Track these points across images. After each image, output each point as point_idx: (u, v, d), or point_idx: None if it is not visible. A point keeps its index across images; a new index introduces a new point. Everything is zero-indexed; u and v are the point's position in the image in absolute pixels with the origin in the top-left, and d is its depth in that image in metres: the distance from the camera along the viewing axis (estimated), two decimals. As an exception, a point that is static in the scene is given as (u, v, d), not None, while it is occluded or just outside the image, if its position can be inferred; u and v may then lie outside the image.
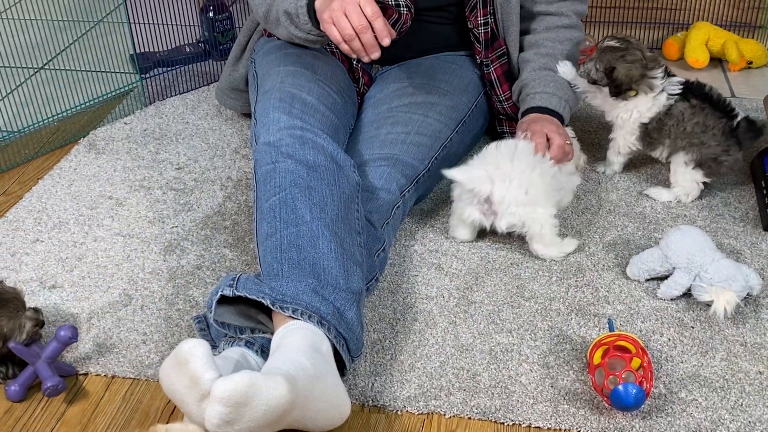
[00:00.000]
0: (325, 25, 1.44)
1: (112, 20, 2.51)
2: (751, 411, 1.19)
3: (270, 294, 1.18)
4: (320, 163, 1.38)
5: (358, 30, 1.40)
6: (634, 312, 1.37)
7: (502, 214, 1.45)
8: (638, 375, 1.16)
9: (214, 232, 1.59)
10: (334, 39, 1.42)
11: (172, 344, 1.32)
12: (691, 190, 1.63)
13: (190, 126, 1.96)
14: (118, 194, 1.72)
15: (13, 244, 1.58)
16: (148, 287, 1.46)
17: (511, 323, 1.35)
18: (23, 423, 1.20)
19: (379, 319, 1.37)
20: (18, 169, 1.83)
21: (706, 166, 1.59)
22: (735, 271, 1.35)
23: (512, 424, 1.18)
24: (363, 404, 1.21)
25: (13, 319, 1.23)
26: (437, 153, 1.61)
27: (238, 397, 0.99)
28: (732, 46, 2.16)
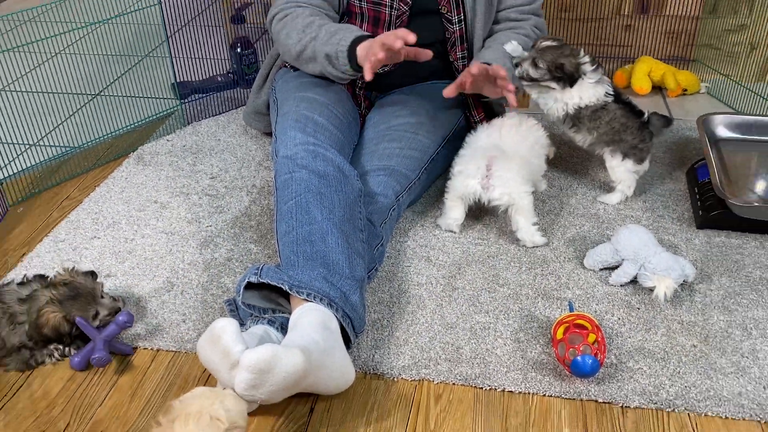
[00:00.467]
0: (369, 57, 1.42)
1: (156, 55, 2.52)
2: (686, 377, 1.19)
3: (288, 281, 1.18)
4: (329, 173, 1.38)
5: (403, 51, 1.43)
6: (590, 296, 1.38)
7: (496, 185, 1.46)
8: (593, 348, 1.16)
9: (242, 230, 1.59)
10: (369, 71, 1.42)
11: (207, 323, 1.32)
12: (630, 182, 1.63)
13: (221, 142, 1.96)
14: (162, 199, 1.72)
15: (75, 240, 1.58)
16: (187, 276, 1.46)
17: (488, 305, 1.35)
18: (83, 389, 1.21)
19: (378, 302, 1.37)
20: (78, 178, 1.83)
21: (632, 155, 1.60)
22: (673, 262, 1.36)
23: (489, 389, 1.18)
24: (365, 372, 1.22)
25: (84, 310, 1.24)
26: (426, 164, 1.61)
27: (263, 365, 0.99)
28: (670, 76, 2.16)
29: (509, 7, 1.69)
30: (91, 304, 1.26)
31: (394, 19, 1.62)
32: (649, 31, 2.30)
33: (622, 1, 2.28)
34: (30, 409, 1.17)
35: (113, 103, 2.19)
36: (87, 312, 1.25)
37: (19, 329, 1.23)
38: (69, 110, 2.14)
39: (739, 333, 1.28)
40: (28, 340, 1.23)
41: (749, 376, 1.19)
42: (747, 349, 1.24)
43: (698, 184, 1.63)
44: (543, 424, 1.12)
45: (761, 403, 1.14)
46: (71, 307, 1.23)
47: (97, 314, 1.26)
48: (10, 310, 1.23)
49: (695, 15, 2.26)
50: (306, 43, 1.55)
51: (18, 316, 1.23)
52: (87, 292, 1.26)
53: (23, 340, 1.23)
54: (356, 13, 1.64)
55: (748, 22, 2.14)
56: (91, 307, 1.26)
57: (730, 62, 2.22)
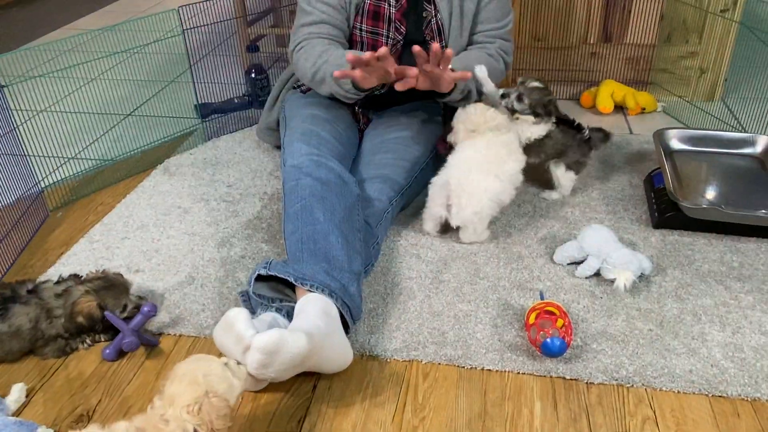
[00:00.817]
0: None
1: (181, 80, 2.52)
2: (644, 357, 1.19)
3: (294, 273, 1.18)
4: (331, 180, 1.38)
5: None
6: (559, 287, 1.37)
7: (457, 215, 1.46)
8: (561, 331, 1.16)
9: (254, 232, 1.59)
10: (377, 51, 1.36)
11: (224, 312, 1.30)
12: (569, 187, 1.69)
13: (237, 155, 1.96)
14: (185, 205, 1.72)
15: (108, 240, 1.58)
16: (206, 271, 1.45)
17: (470, 296, 1.35)
18: (113, 370, 1.20)
19: (374, 293, 1.37)
20: (112, 187, 1.83)
21: (574, 167, 1.66)
22: (632, 257, 1.36)
23: (470, 368, 1.18)
24: (362, 354, 1.21)
25: (117, 299, 1.24)
26: (416, 173, 1.61)
27: (272, 347, 0.99)
28: (630, 97, 2.17)
29: (480, 32, 1.67)
30: (123, 296, 1.26)
31: (390, 47, 1.62)
32: (612, 57, 2.31)
33: (588, 32, 2.29)
34: (66, 388, 1.17)
35: (143, 122, 2.19)
36: (119, 301, 1.24)
37: (56, 322, 1.22)
38: (104, 128, 2.14)
39: (690, 319, 1.27)
40: (64, 332, 1.22)
41: (699, 356, 1.19)
42: (697, 332, 1.24)
43: (654, 189, 1.63)
44: (517, 398, 1.11)
45: (709, 380, 1.13)
46: (105, 296, 1.23)
47: (125, 307, 1.26)
48: (47, 306, 1.22)
49: (652, 43, 2.27)
50: (319, 65, 1.55)
51: (54, 311, 1.22)
52: (120, 284, 1.27)
53: (59, 331, 1.22)
54: (357, 42, 1.65)
55: (698, 50, 2.15)
56: (123, 297, 1.25)
57: (683, 84, 2.22)
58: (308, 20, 1.59)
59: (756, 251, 1.47)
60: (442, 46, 1.62)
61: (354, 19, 1.61)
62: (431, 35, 1.62)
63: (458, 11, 1.60)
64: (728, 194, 1.58)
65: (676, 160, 1.72)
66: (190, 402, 0.89)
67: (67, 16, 3.49)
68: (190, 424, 0.89)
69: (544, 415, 1.08)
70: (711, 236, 1.52)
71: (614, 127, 2.09)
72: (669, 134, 1.78)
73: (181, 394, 0.90)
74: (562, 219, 1.61)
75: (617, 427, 1.06)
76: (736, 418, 1.07)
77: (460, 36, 1.63)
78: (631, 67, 2.31)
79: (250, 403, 1.12)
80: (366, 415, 1.09)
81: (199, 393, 0.90)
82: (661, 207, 1.56)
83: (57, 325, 1.22)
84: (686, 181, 1.63)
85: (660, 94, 2.26)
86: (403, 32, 1.60)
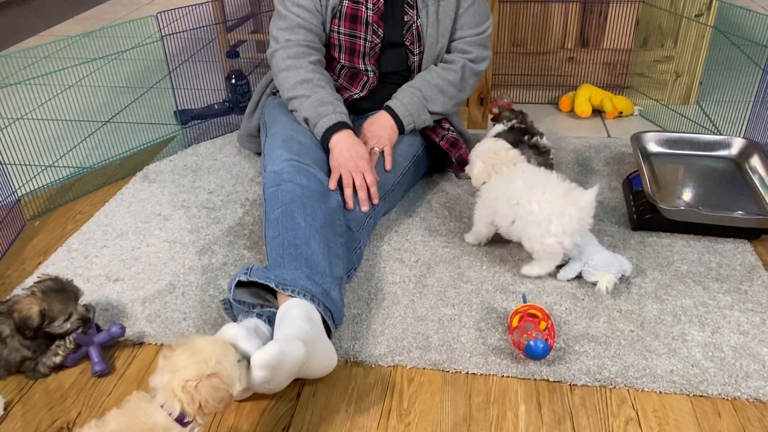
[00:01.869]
0: (334, 167, 1.47)
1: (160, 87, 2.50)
2: (625, 358, 1.19)
3: (275, 279, 1.17)
4: (312, 186, 1.37)
5: (358, 188, 1.46)
6: (541, 289, 1.38)
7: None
8: (544, 334, 1.16)
9: (236, 238, 1.58)
10: (334, 181, 1.44)
11: (206, 320, 1.31)
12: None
13: (218, 162, 1.95)
14: (165, 212, 1.70)
15: (86, 249, 1.55)
16: (187, 279, 1.44)
17: (454, 299, 1.35)
18: (93, 381, 1.18)
19: (357, 299, 1.36)
20: (90, 195, 1.80)
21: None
22: (613, 259, 1.36)
23: (455, 372, 1.18)
24: (347, 360, 1.21)
25: (64, 305, 1.17)
26: (398, 178, 1.61)
27: (274, 361, 0.99)
28: (608, 101, 2.19)
29: (460, 38, 1.67)
30: (71, 303, 1.18)
31: (368, 50, 1.62)
32: (590, 62, 2.33)
33: (566, 37, 2.31)
34: (45, 400, 1.14)
35: (122, 129, 2.16)
36: (66, 308, 1.16)
37: (10, 343, 1.14)
38: (82, 135, 2.11)
39: (670, 319, 1.29)
40: (27, 351, 1.15)
41: (679, 356, 1.20)
42: (677, 333, 1.25)
43: (633, 192, 1.64)
44: (502, 401, 1.11)
45: (690, 379, 1.14)
46: (52, 300, 1.15)
47: (70, 315, 1.17)
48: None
49: (628, 48, 2.30)
50: (297, 95, 1.55)
51: (3, 332, 1.14)
52: (70, 290, 1.19)
53: (23, 353, 1.15)
54: (335, 45, 1.64)
55: (673, 54, 2.18)
56: (70, 305, 1.17)
57: (659, 88, 2.25)
58: (284, 24, 1.59)
59: (733, 252, 1.49)
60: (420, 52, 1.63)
61: (331, 22, 1.60)
62: (411, 39, 1.62)
63: (435, 17, 1.61)
64: (705, 196, 1.60)
65: (654, 163, 1.74)
66: (190, 378, 0.88)
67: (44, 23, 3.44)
68: (178, 402, 0.87)
69: (528, 418, 1.08)
70: (689, 237, 1.54)
71: (592, 131, 2.11)
72: (646, 137, 1.80)
73: (186, 367, 0.89)
74: (543, 222, 1.61)
75: (601, 428, 1.06)
76: (716, 417, 1.08)
77: (436, 43, 1.64)
78: (608, 71, 2.34)
79: (234, 412, 1.10)
80: (351, 421, 1.08)
81: (203, 373, 0.89)
82: (639, 209, 1.57)
83: (14, 346, 1.14)
84: (664, 184, 1.65)
85: (637, 98, 2.28)
86: (380, 35, 1.60)
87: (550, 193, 1.32)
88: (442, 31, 1.63)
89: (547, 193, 1.32)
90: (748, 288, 1.37)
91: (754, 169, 1.68)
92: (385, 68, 1.66)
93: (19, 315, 1.14)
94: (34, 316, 1.13)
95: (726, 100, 2.25)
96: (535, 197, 1.33)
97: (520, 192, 1.35)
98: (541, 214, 1.31)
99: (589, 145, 2.00)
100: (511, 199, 1.36)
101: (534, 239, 1.34)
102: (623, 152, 1.95)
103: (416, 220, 1.63)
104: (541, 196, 1.32)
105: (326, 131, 1.51)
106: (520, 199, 1.35)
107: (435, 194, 1.74)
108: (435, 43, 1.64)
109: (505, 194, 1.39)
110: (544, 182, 1.35)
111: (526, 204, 1.34)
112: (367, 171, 1.47)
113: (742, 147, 1.74)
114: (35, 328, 1.14)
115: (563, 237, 1.31)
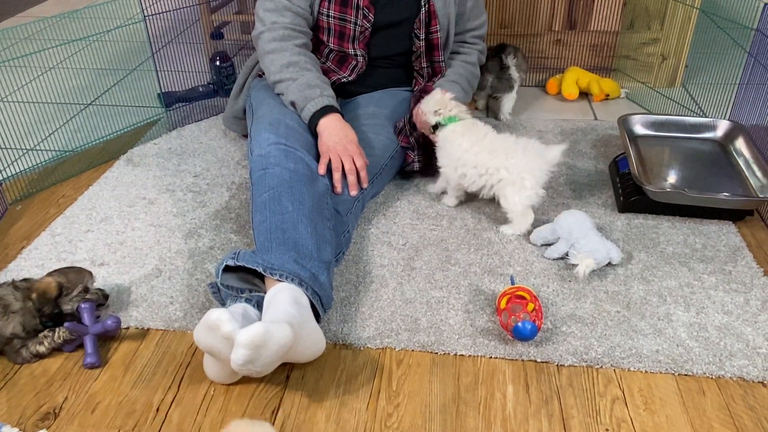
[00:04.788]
0: (323, 151, 1.46)
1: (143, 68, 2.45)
2: (612, 339, 1.20)
3: (262, 263, 1.16)
4: (299, 170, 1.36)
5: (347, 172, 1.46)
6: (529, 271, 1.38)
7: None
8: (532, 315, 1.16)
9: (223, 222, 1.56)
10: (323, 166, 1.44)
11: (193, 304, 1.30)
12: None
13: (203, 145, 1.92)
14: (150, 196, 1.68)
15: (70, 233, 1.53)
16: (174, 263, 1.42)
17: (442, 282, 1.35)
18: (79, 367, 1.16)
19: (346, 282, 1.35)
20: (73, 179, 1.77)
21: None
22: (600, 245, 1.36)
23: (443, 353, 1.18)
24: (335, 343, 1.20)
25: (79, 275, 1.22)
26: (386, 161, 1.60)
27: (258, 341, 0.97)
28: (594, 83, 2.19)
29: (466, 31, 1.75)
30: (87, 275, 1.24)
31: (358, 34, 1.60)
32: (577, 44, 2.32)
33: (553, 19, 2.30)
34: (30, 386, 1.13)
35: (104, 111, 2.12)
36: (83, 280, 1.22)
37: (12, 319, 1.15)
38: (64, 118, 2.07)
39: (656, 300, 1.30)
40: (21, 331, 1.15)
41: (664, 336, 1.21)
42: (662, 313, 1.26)
43: (619, 174, 1.65)
44: (490, 382, 1.12)
45: (675, 359, 1.16)
46: (68, 273, 1.22)
47: (87, 289, 1.22)
48: (3, 302, 1.16)
49: (615, 30, 2.29)
50: (283, 78, 1.54)
51: (12, 305, 1.16)
52: (84, 269, 1.25)
53: (16, 330, 1.15)
54: (324, 28, 1.62)
55: (659, 36, 2.18)
56: (86, 276, 1.23)
57: (645, 71, 2.25)
58: (271, 6, 1.56)
59: (718, 233, 1.50)
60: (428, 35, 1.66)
61: (320, 5, 1.58)
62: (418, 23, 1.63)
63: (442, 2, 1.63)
64: (691, 178, 1.61)
65: (640, 145, 1.74)
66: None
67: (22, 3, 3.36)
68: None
69: (516, 398, 1.09)
70: (675, 219, 1.55)
71: (579, 113, 2.11)
72: (633, 120, 1.80)
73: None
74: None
75: (588, 407, 1.07)
76: (701, 396, 1.09)
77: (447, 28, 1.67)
78: (595, 54, 2.34)
79: (222, 396, 1.10)
80: (340, 403, 1.08)
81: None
82: (626, 191, 1.58)
83: (14, 322, 1.15)
84: (650, 166, 1.66)
85: (623, 81, 2.28)
86: (371, 19, 1.58)
87: (513, 156, 1.45)
88: (450, 19, 1.66)
89: (510, 157, 1.45)
90: (732, 269, 1.38)
91: (738, 152, 1.69)
92: (375, 52, 1.64)
93: (38, 291, 1.17)
94: (53, 287, 1.18)
95: (711, 83, 2.25)
96: (501, 163, 1.45)
97: (486, 161, 1.47)
98: (512, 176, 1.44)
99: (576, 127, 2.00)
100: (479, 168, 1.48)
101: (510, 197, 1.46)
102: (610, 135, 1.96)
103: (404, 204, 1.62)
104: (506, 161, 1.45)
105: (313, 115, 1.49)
106: (488, 168, 1.47)
107: (423, 178, 1.73)
108: (447, 26, 1.66)
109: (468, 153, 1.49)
110: (502, 148, 1.47)
111: (495, 172, 1.46)
112: (356, 154, 1.46)
113: (727, 129, 1.75)
114: (54, 298, 1.18)
115: (537, 188, 1.45)
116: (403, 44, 1.67)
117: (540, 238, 1.44)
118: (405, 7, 1.62)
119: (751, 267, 1.38)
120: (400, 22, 1.63)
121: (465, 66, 1.75)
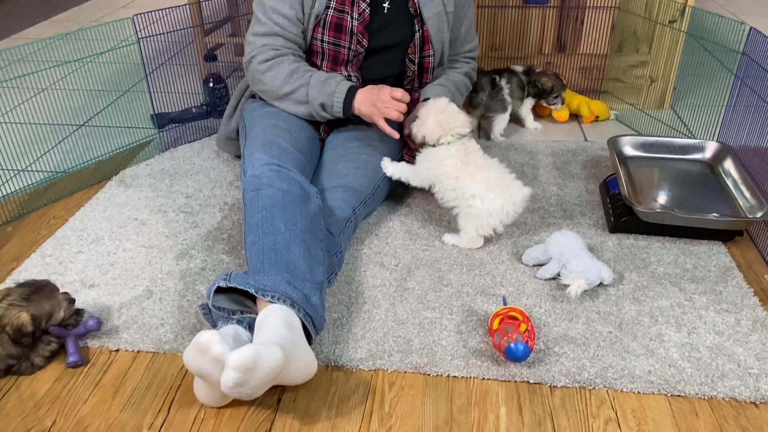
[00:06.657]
0: (376, 119, 1.52)
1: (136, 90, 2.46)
2: (604, 359, 1.20)
3: (254, 285, 1.15)
4: (292, 190, 1.36)
5: (397, 117, 1.51)
6: (521, 292, 1.38)
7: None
8: (525, 336, 1.16)
9: (215, 243, 1.56)
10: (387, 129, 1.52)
11: (184, 326, 1.29)
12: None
13: (196, 166, 1.93)
14: (142, 216, 1.67)
15: (61, 254, 1.52)
16: (165, 284, 1.42)
17: (435, 303, 1.35)
18: (68, 389, 1.15)
19: (338, 303, 1.35)
20: (65, 199, 1.77)
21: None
22: (591, 265, 1.37)
23: (436, 375, 1.17)
24: (327, 365, 1.20)
25: (51, 299, 1.19)
26: (379, 182, 1.61)
27: (248, 363, 0.96)
28: (584, 105, 2.21)
29: (459, 53, 1.81)
30: (55, 294, 1.20)
31: (351, 57, 1.62)
32: (566, 67, 2.36)
33: (543, 42, 2.33)
34: (18, 409, 1.11)
35: (97, 132, 2.13)
36: (54, 301, 1.18)
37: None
38: (56, 139, 2.07)
39: (648, 320, 1.30)
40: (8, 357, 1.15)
41: (657, 356, 1.21)
42: (654, 333, 1.27)
43: (610, 195, 1.66)
44: (483, 404, 1.11)
45: (667, 380, 1.16)
46: (37, 301, 1.16)
47: (60, 305, 1.20)
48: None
49: (604, 53, 2.33)
50: (295, 88, 1.57)
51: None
52: (45, 283, 1.20)
53: (8, 362, 1.15)
54: (317, 52, 1.64)
55: (648, 59, 2.21)
56: (55, 296, 1.19)
57: (634, 93, 2.28)
58: (261, 30, 1.58)
59: (708, 253, 1.51)
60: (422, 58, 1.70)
61: (314, 30, 1.60)
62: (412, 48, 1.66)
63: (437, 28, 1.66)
64: (680, 198, 1.62)
65: (630, 166, 1.76)
66: None
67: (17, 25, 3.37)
68: None
69: (509, 420, 1.08)
70: (665, 239, 1.56)
71: (570, 135, 2.13)
72: (622, 141, 1.82)
73: None
74: (522, 225, 1.62)
75: (581, 429, 1.07)
76: (694, 417, 1.09)
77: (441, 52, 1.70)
78: (584, 76, 2.37)
79: (213, 419, 1.09)
80: (332, 426, 1.08)
81: None
82: (616, 212, 1.59)
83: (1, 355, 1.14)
84: (640, 187, 1.67)
85: (613, 103, 2.31)
86: (365, 45, 1.60)
87: (493, 191, 1.46)
88: (444, 43, 1.69)
89: (490, 192, 1.46)
90: (723, 289, 1.39)
91: (727, 172, 1.71)
92: (367, 75, 1.66)
93: (11, 327, 1.13)
94: (26, 323, 1.14)
95: (699, 104, 2.29)
96: (477, 194, 1.46)
97: (463, 187, 1.48)
98: (482, 209, 1.46)
99: (567, 148, 2.02)
100: (457, 192, 1.49)
101: (471, 224, 1.49)
102: (600, 156, 1.98)
103: (396, 224, 1.63)
104: (484, 194, 1.46)
105: (344, 107, 1.55)
106: (464, 193, 1.48)
107: (415, 198, 1.74)
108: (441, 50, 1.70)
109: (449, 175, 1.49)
110: (484, 179, 1.47)
111: (469, 199, 1.47)
112: (389, 102, 1.49)
113: (716, 150, 1.77)
114: (32, 333, 1.14)
115: (499, 227, 1.49)
116: (395, 67, 1.69)
117: (532, 258, 1.44)
118: (399, 33, 1.64)
119: (742, 287, 1.39)
120: (394, 46, 1.65)
121: (454, 74, 1.79)
